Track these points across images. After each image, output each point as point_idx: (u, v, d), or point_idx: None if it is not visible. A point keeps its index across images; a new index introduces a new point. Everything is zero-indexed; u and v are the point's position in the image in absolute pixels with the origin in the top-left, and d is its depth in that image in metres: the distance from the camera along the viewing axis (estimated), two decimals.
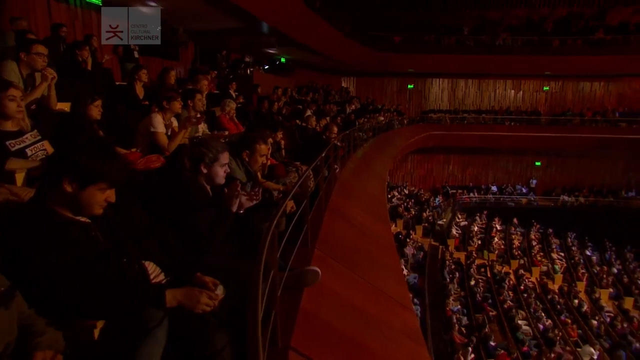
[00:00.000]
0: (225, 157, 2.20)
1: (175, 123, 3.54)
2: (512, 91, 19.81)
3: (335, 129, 5.23)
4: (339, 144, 5.01)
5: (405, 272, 10.26)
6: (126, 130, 3.49)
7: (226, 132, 4.21)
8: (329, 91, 13.99)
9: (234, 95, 7.13)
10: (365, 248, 3.09)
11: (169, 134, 3.29)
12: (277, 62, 14.58)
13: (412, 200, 14.76)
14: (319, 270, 1.94)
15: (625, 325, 11.40)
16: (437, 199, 16.33)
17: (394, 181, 17.06)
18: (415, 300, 9.58)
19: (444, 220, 14.97)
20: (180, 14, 7.97)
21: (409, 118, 17.30)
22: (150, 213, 2.00)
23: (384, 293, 2.48)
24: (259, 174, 3.31)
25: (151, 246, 1.65)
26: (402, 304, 2.46)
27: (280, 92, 8.20)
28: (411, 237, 12.14)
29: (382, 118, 12.62)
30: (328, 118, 8.15)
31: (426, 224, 13.67)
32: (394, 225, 13.12)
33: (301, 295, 1.87)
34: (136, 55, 6.59)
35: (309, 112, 6.41)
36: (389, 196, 13.87)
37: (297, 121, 7.39)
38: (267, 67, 13.65)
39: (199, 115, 3.64)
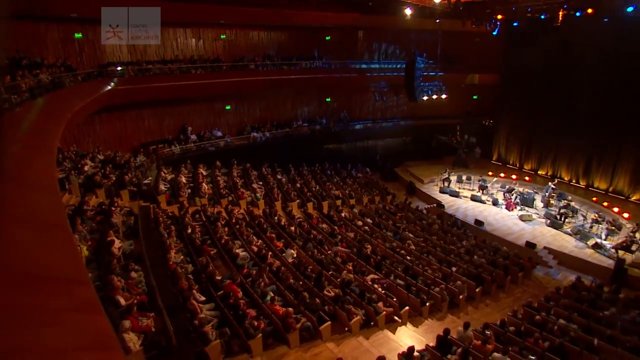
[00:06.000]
0: None
1: None
2: (193, 40, 20.11)
3: None
4: None
5: (117, 242, 9.47)
6: None
7: None
8: None
9: None
10: (15, 234, 2.51)
11: None
12: None
13: (110, 165, 13.37)
14: None
15: (307, 224, 14.67)
16: (137, 159, 15.41)
17: (83, 148, 14.85)
18: (136, 266, 9.10)
19: (150, 178, 14.44)
20: None
21: (84, 73, 14.96)
22: None
23: (44, 276, 2.09)
24: None
25: None
26: (71, 279, 2.16)
27: None
28: (117, 204, 11.13)
29: (44, 75, 10.38)
30: None
31: (131, 187, 12.81)
32: (94, 197, 11.68)
33: None
34: None
35: None
36: (79, 165, 12.07)
37: None
38: None
39: None
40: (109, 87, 15.24)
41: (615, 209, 17.18)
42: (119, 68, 16.69)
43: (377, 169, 24.15)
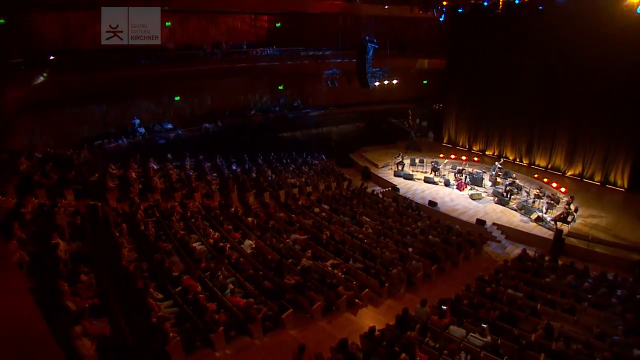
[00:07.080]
0: None
1: None
2: None
3: None
4: None
5: (63, 245, 8.94)
6: None
7: None
8: None
9: None
10: None
11: None
12: None
13: (50, 164, 12.50)
14: None
15: (265, 214, 14.55)
16: (81, 155, 14.51)
17: (17, 146, 13.71)
18: (86, 269, 8.64)
19: (97, 175, 13.66)
20: None
21: (9, 65, 13.67)
22: None
23: None
24: None
25: None
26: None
27: None
28: (60, 204, 10.46)
29: None
30: None
31: (76, 185, 12.07)
32: (33, 198, 10.90)
33: None
34: None
35: None
36: (14, 165, 11.20)
37: None
38: None
39: None
40: (41, 79, 14.11)
41: (554, 184, 18.42)
42: (51, 57, 15.46)
43: (332, 156, 24.29)
